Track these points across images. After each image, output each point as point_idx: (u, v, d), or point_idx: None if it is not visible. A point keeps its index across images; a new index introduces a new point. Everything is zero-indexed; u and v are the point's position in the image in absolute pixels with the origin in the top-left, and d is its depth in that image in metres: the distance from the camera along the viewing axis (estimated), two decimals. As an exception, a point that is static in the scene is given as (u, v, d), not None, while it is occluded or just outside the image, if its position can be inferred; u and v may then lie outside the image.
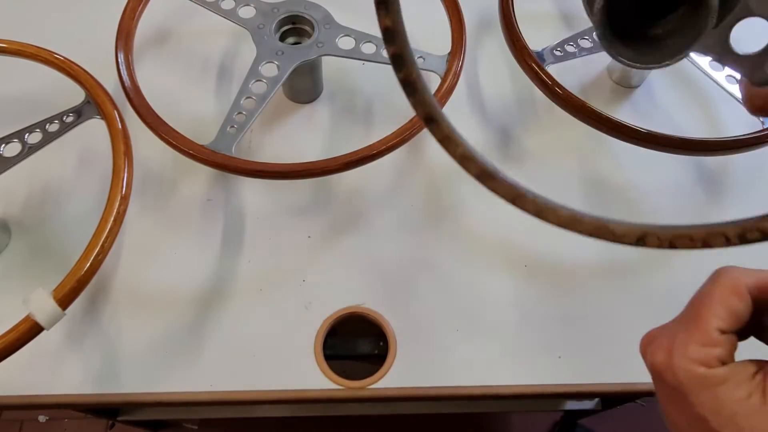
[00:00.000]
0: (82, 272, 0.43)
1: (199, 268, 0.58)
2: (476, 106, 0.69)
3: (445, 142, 0.38)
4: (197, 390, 0.53)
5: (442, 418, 1.19)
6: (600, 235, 0.37)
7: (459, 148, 0.38)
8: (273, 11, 0.63)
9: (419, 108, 0.37)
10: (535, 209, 0.38)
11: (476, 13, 0.76)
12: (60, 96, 0.56)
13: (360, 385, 0.53)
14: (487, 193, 0.65)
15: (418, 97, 0.36)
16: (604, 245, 0.59)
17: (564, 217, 0.37)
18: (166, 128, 0.53)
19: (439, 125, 0.38)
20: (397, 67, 0.35)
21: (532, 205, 0.38)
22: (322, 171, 0.53)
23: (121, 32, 0.58)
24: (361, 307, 0.56)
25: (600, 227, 0.37)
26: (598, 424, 1.22)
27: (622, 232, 0.37)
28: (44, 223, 0.60)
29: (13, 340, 0.41)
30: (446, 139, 0.38)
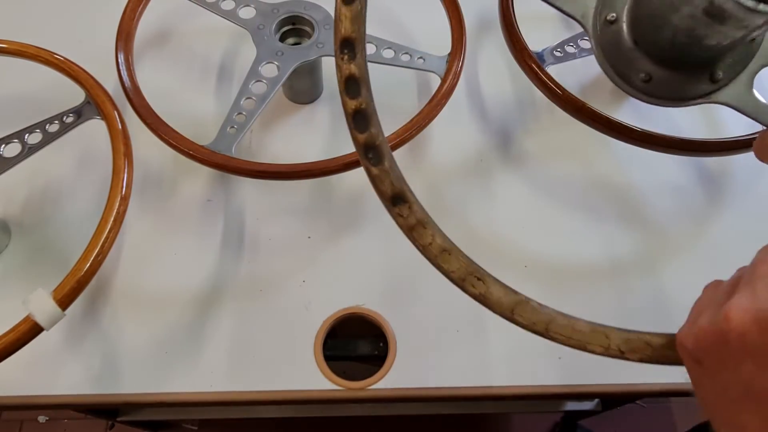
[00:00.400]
0: (82, 273, 0.43)
1: (199, 268, 0.58)
2: (476, 106, 0.69)
3: (417, 230, 0.33)
4: (197, 390, 0.53)
5: (441, 419, 1.19)
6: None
7: (437, 239, 0.33)
8: (273, 12, 0.63)
9: (383, 182, 0.32)
10: (543, 322, 0.34)
11: (476, 13, 0.76)
12: (60, 96, 0.56)
13: (360, 385, 0.53)
14: (487, 194, 0.65)
15: (386, 165, 0.32)
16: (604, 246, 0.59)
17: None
18: (166, 128, 0.53)
19: (411, 207, 0.33)
20: (358, 127, 0.32)
21: (536, 314, 0.34)
22: (321, 172, 0.53)
23: (121, 33, 0.58)
24: (360, 307, 0.56)
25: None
26: (598, 425, 1.22)
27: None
28: (44, 223, 0.60)
29: (13, 341, 0.41)
30: (420, 225, 0.33)
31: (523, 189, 0.64)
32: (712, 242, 0.61)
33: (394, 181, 0.32)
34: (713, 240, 0.61)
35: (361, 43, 0.32)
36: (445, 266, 0.33)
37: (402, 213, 0.32)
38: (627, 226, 0.62)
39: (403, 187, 0.32)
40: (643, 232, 0.62)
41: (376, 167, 0.32)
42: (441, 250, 0.32)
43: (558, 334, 0.33)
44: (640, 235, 0.62)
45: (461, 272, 0.33)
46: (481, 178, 0.64)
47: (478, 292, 0.33)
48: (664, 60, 0.38)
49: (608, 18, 0.39)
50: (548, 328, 0.33)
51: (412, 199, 0.33)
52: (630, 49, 0.39)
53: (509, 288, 0.33)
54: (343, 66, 0.31)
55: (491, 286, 0.33)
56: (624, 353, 0.32)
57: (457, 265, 0.33)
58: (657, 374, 0.54)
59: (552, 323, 0.33)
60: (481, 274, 0.33)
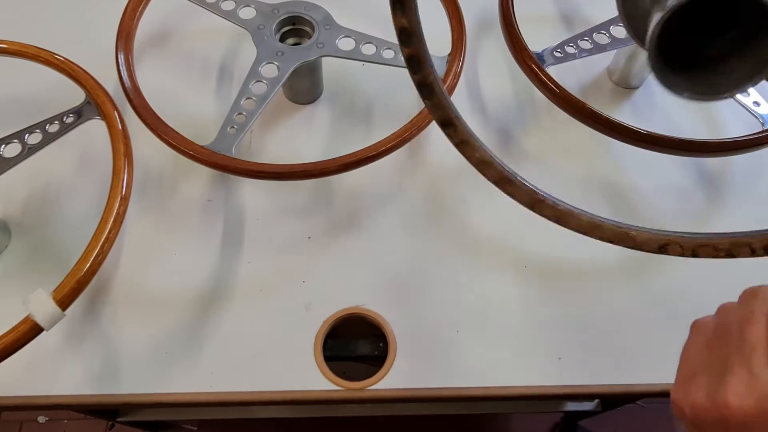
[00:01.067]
0: (82, 273, 0.43)
1: (199, 268, 0.58)
2: (476, 106, 0.69)
3: (463, 146, 0.38)
4: (197, 391, 0.53)
5: (441, 419, 1.19)
6: (621, 241, 0.36)
7: (477, 153, 0.38)
8: (273, 12, 0.63)
9: (436, 111, 0.37)
10: (555, 215, 0.37)
11: (476, 14, 0.76)
12: (60, 97, 0.56)
13: (360, 386, 0.53)
14: (486, 194, 0.65)
15: (435, 100, 0.37)
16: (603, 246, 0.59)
17: (584, 223, 0.37)
18: (166, 129, 0.53)
19: (456, 129, 0.38)
20: (413, 69, 0.35)
21: (551, 210, 0.38)
22: (321, 172, 0.53)
23: (122, 33, 0.58)
24: (360, 307, 0.56)
25: (621, 234, 0.37)
26: (598, 426, 1.22)
27: (644, 240, 0.35)
28: (44, 223, 0.60)
29: (12, 341, 0.41)
30: (464, 143, 0.38)
31: (523, 189, 0.64)
32: (712, 242, 0.61)
33: (443, 110, 0.37)
34: (713, 240, 0.61)
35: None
36: (487, 175, 0.39)
37: (450, 134, 0.38)
38: (627, 226, 0.62)
39: (448, 113, 0.37)
40: (643, 233, 0.62)
41: (428, 99, 0.36)
42: (480, 161, 0.38)
43: (567, 224, 0.39)
44: (640, 235, 0.62)
45: (497, 177, 0.39)
46: (481, 178, 0.64)
47: (509, 191, 0.39)
48: None
49: None
50: (560, 220, 0.39)
51: (457, 123, 0.37)
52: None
53: (532, 187, 0.38)
54: (396, 18, 0.35)
55: (518, 187, 0.39)
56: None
57: (494, 172, 0.39)
58: (657, 374, 0.54)
59: (562, 217, 0.39)
60: (512, 179, 0.39)
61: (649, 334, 0.56)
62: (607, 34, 0.65)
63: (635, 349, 0.55)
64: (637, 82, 0.71)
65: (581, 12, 0.79)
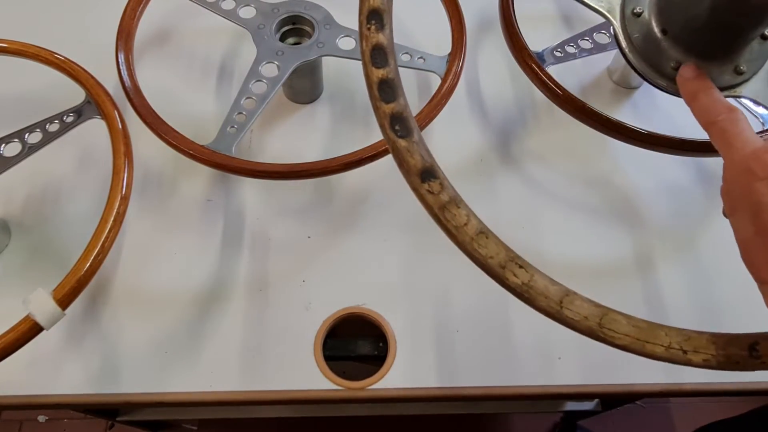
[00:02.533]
0: (82, 272, 0.43)
1: (199, 268, 0.58)
2: (476, 106, 0.69)
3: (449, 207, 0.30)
4: (197, 390, 0.53)
5: (441, 419, 1.19)
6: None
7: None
8: (273, 11, 0.63)
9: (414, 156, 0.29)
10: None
11: (476, 13, 0.76)
12: (60, 96, 0.56)
13: (360, 385, 0.53)
14: (487, 194, 0.65)
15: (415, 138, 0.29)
16: (603, 246, 0.59)
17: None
18: (166, 128, 0.53)
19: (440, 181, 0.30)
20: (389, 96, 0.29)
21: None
22: (321, 171, 0.53)
23: (122, 32, 0.58)
24: (361, 307, 0.56)
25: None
26: (598, 426, 1.22)
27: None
28: (44, 223, 0.60)
29: (12, 340, 0.41)
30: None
31: (523, 189, 0.64)
32: (711, 242, 0.61)
33: (425, 154, 0.30)
34: (713, 240, 0.61)
35: (389, 15, 0.31)
36: (482, 251, 0.29)
37: (432, 189, 0.29)
38: (627, 226, 0.62)
39: (433, 161, 0.30)
40: (642, 232, 0.62)
41: (405, 139, 0.29)
42: (477, 231, 0.29)
43: (612, 331, 0.29)
44: (640, 235, 0.62)
45: (501, 258, 0.29)
46: (481, 178, 0.64)
47: (521, 281, 0.29)
48: (692, 46, 0.38)
49: (635, 11, 0.40)
50: (602, 323, 0.29)
51: (443, 175, 0.30)
52: (659, 38, 0.39)
53: (552, 279, 0.30)
54: (370, 36, 0.29)
55: (535, 274, 0.29)
56: (686, 353, 0.29)
57: (496, 249, 0.29)
58: (657, 374, 0.54)
59: (606, 317, 0.29)
60: (522, 262, 0.29)
61: (649, 334, 0.56)
62: (608, 33, 0.65)
63: (635, 349, 0.55)
64: (638, 82, 0.71)
65: (581, 12, 0.78)
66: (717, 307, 0.57)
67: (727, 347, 0.29)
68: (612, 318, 0.29)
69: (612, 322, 0.29)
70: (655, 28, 0.40)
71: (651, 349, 0.29)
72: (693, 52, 0.39)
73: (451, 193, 0.30)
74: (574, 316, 0.29)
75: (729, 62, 0.39)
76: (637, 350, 0.29)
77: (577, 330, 0.29)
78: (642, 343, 0.29)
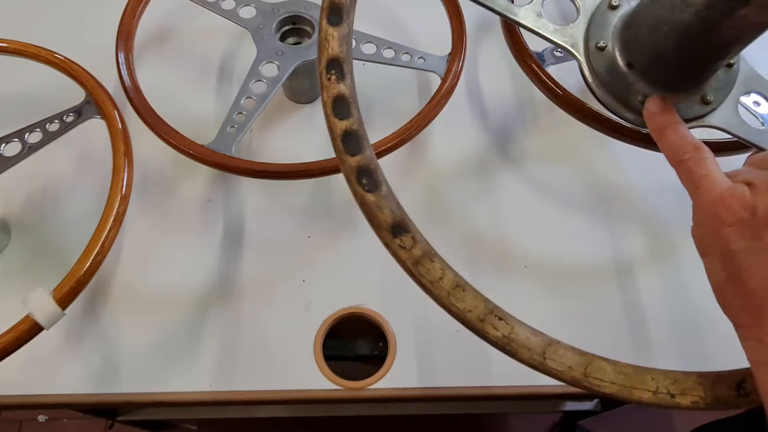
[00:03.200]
0: (82, 272, 0.43)
1: (199, 268, 0.58)
2: (476, 106, 0.69)
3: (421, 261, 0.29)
4: (196, 390, 0.53)
5: (441, 419, 1.19)
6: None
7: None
8: (273, 11, 0.63)
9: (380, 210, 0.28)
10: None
11: (476, 13, 0.75)
12: (60, 96, 0.56)
13: (359, 385, 0.53)
14: (487, 194, 0.65)
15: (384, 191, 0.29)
16: (603, 246, 0.59)
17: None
18: (166, 128, 0.53)
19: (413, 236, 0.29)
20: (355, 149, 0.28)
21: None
22: (321, 171, 0.53)
23: (122, 32, 0.58)
24: (360, 307, 0.56)
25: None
26: (598, 426, 1.22)
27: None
28: (44, 223, 0.60)
29: (12, 340, 0.41)
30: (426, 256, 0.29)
31: (523, 189, 0.64)
32: (712, 242, 0.61)
33: (395, 208, 0.29)
34: (713, 240, 0.61)
35: (350, 63, 0.30)
36: (459, 305, 0.29)
37: (404, 244, 0.28)
38: (627, 226, 0.62)
39: (403, 214, 0.29)
40: (643, 232, 0.62)
41: (373, 194, 0.28)
42: (454, 285, 0.28)
43: (599, 380, 0.28)
44: (640, 235, 0.62)
45: (479, 311, 0.29)
46: (481, 178, 0.64)
47: (502, 333, 0.29)
48: (658, 79, 0.38)
49: (598, 45, 0.39)
50: (587, 373, 0.29)
51: (414, 228, 0.29)
52: (625, 72, 0.39)
53: (534, 329, 0.29)
54: (330, 86, 0.29)
55: (516, 326, 0.29)
56: (674, 396, 0.29)
57: (474, 302, 0.29)
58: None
59: (590, 366, 0.29)
60: (502, 314, 0.29)
61: (649, 333, 0.56)
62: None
63: (635, 349, 0.56)
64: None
65: (581, 12, 0.78)
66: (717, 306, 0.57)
67: (715, 388, 0.29)
68: (597, 366, 0.29)
69: (597, 370, 0.29)
70: (620, 62, 0.39)
71: (638, 395, 0.29)
72: (659, 84, 0.38)
73: (424, 247, 0.29)
74: (558, 367, 0.29)
75: (696, 93, 0.38)
76: (625, 397, 0.29)
77: (562, 380, 0.29)
78: (629, 390, 0.29)
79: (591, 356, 0.29)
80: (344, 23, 0.30)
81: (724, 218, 0.29)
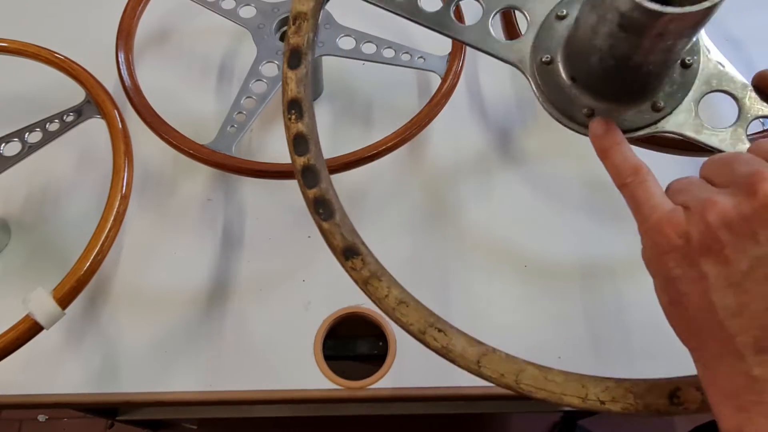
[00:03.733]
0: (82, 272, 0.43)
1: (199, 268, 0.58)
2: (476, 106, 0.69)
3: (370, 281, 0.33)
4: (196, 390, 0.53)
5: (441, 418, 1.19)
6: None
7: (389, 290, 0.33)
8: (273, 11, 0.63)
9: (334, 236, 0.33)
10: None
11: (476, 12, 0.75)
12: (60, 95, 0.56)
13: (359, 385, 0.53)
14: (487, 193, 0.65)
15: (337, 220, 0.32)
16: (603, 246, 0.59)
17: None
18: (166, 128, 0.53)
19: (363, 259, 0.33)
20: (308, 183, 0.32)
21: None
22: (322, 171, 0.52)
23: (122, 32, 0.58)
24: (360, 307, 0.56)
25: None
26: (598, 425, 1.22)
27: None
28: (44, 222, 0.60)
29: (12, 340, 0.41)
30: (373, 277, 0.33)
31: (522, 189, 0.64)
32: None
33: (346, 234, 0.33)
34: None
35: (308, 102, 0.34)
36: (403, 319, 0.32)
37: (355, 266, 0.32)
38: (627, 225, 0.62)
39: (354, 240, 0.33)
40: (643, 232, 0.62)
41: (327, 222, 0.32)
42: (398, 302, 0.32)
43: (529, 386, 0.31)
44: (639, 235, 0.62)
45: (420, 324, 0.32)
46: (481, 177, 0.64)
47: (440, 345, 0.32)
48: (602, 92, 0.37)
49: (543, 59, 0.39)
50: (518, 380, 0.31)
51: (365, 251, 0.33)
52: (569, 86, 0.38)
53: (473, 338, 0.32)
54: (291, 125, 0.33)
55: (453, 337, 0.32)
56: (604, 403, 0.32)
57: (416, 316, 0.32)
58: (657, 373, 0.54)
59: (522, 374, 0.31)
60: (442, 326, 0.32)
61: (649, 333, 0.56)
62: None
63: (635, 348, 0.56)
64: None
65: (581, 11, 0.78)
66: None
67: (646, 396, 0.31)
68: (529, 374, 0.31)
69: (528, 377, 0.31)
70: (564, 75, 0.38)
71: (569, 400, 0.31)
72: (604, 97, 0.37)
73: (373, 268, 0.32)
74: (492, 374, 0.31)
75: (646, 100, 0.37)
76: (556, 402, 0.31)
77: (498, 385, 0.31)
78: (559, 396, 0.31)
79: (524, 364, 0.31)
80: (302, 65, 0.35)
81: (662, 245, 0.29)
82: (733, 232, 0.26)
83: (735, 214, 0.26)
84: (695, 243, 0.27)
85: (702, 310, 0.27)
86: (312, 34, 0.36)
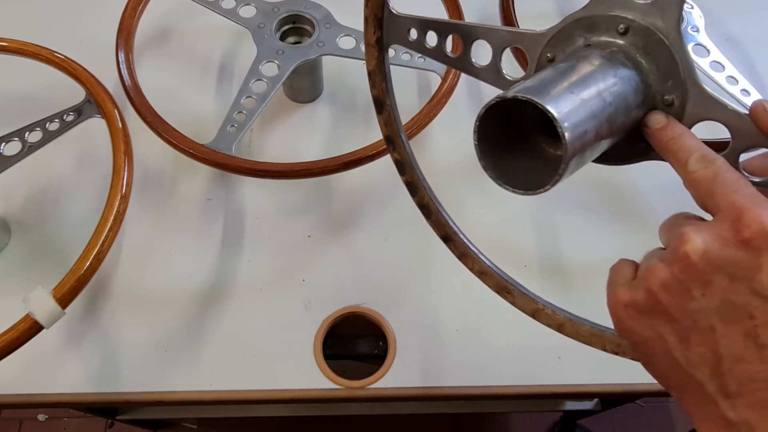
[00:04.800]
0: (82, 271, 0.43)
1: (199, 267, 0.58)
2: (476, 106, 0.69)
3: (463, 259, 0.43)
4: (197, 389, 0.53)
5: (441, 418, 1.19)
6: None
7: (476, 264, 0.42)
8: (273, 11, 0.63)
9: (437, 228, 0.43)
10: (555, 323, 0.41)
11: (476, 13, 0.75)
12: (60, 95, 0.56)
13: (359, 384, 0.53)
14: (487, 193, 0.65)
15: (433, 218, 0.43)
16: (603, 245, 0.59)
17: (584, 331, 0.41)
18: (166, 127, 0.53)
19: (455, 243, 0.43)
20: (411, 193, 0.43)
21: (550, 319, 0.41)
22: (321, 171, 0.53)
23: (122, 31, 0.58)
24: (360, 307, 0.56)
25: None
26: (598, 425, 1.22)
27: None
28: (44, 222, 0.60)
29: (12, 339, 0.41)
30: (463, 256, 0.43)
31: (523, 188, 0.64)
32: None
33: (442, 228, 0.43)
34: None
35: (399, 137, 0.43)
36: (487, 284, 0.43)
37: (451, 248, 0.43)
38: (627, 226, 0.62)
39: (447, 230, 0.42)
40: (643, 232, 0.62)
41: (429, 219, 0.43)
42: (480, 272, 0.42)
43: (567, 332, 0.41)
44: (640, 235, 0.62)
45: (496, 287, 0.42)
46: (481, 177, 0.64)
47: (510, 300, 0.42)
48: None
49: None
50: (561, 329, 0.42)
51: (456, 238, 0.42)
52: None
53: (532, 297, 0.41)
54: (392, 154, 0.43)
55: (517, 297, 0.42)
56: (618, 354, 0.38)
57: (492, 281, 0.42)
58: (656, 374, 0.54)
59: (562, 327, 0.42)
60: (510, 289, 0.41)
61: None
62: (608, 33, 0.65)
63: (635, 349, 0.56)
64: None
65: (582, 11, 0.78)
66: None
67: None
68: (567, 327, 0.42)
69: (568, 329, 0.42)
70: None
71: (595, 347, 0.41)
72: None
73: (461, 249, 0.44)
74: (544, 323, 0.42)
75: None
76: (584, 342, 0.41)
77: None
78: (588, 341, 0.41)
79: (563, 319, 0.42)
80: (384, 111, 0.44)
81: (619, 318, 0.33)
82: (670, 293, 0.28)
83: (669, 276, 0.28)
84: (644, 308, 0.30)
85: (670, 366, 0.29)
86: (384, 84, 0.43)
